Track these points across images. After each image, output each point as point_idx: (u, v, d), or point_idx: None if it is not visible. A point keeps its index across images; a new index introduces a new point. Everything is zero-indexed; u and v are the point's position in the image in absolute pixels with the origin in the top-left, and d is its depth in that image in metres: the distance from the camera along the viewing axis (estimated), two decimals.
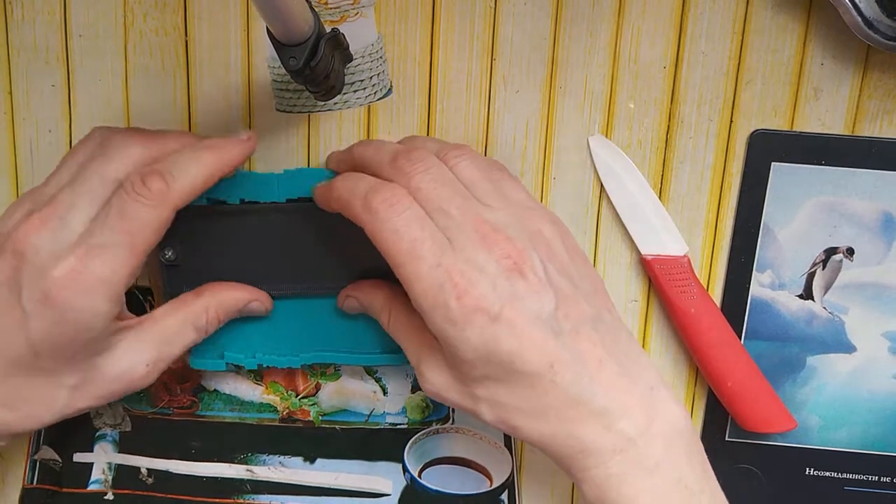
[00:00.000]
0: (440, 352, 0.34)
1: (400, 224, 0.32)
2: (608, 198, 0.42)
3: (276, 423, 0.44)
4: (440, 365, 0.34)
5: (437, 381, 0.35)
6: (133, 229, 0.32)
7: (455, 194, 0.34)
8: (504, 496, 0.45)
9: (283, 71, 0.41)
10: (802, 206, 0.41)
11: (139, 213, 0.32)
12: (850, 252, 0.42)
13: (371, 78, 0.41)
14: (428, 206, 0.33)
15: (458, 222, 0.33)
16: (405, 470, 0.45)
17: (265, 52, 0.41)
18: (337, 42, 0.36)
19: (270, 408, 0.44)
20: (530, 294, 0.32)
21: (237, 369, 0.44)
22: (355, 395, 0.44)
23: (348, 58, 0.40)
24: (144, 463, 0.45)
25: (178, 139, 0.36)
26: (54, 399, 0.34)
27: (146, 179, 0.32)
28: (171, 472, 0.45)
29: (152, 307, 0.43)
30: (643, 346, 0.43)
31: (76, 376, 0.34)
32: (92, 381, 0.35)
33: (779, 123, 0.41)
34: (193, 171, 0.33)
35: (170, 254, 0.40)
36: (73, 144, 0.42)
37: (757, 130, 0.41)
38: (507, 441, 0.44)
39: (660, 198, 0.42)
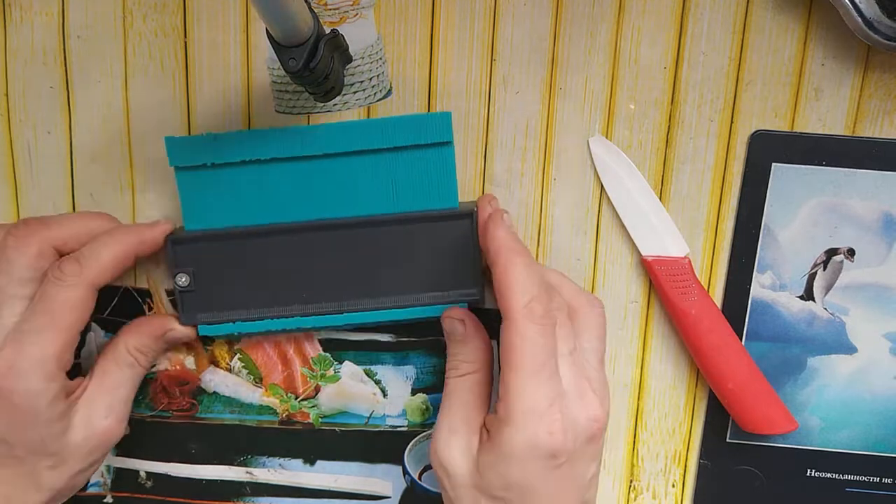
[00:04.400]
0: (478, 441, 0.36)
1: (539, 345, 0.34)
2: (608, 199, 0.42)
3: (276, 426, 0.44)
4: (470, 448, 0.36)
5: (457, 459, 0.36)
6: (53, 309, 0.36)
7: (574, 348, 0.37)
8: None
9: (282, 72, 0.40)
10: (803, 207, 0.41)
11: (57, 295, 0.36)
12: (850, 253, 0.42)
13: (371, 79, 0.41)
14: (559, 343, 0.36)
15: (572, 372, 0.36)
16: (405, 472, 0.44)
17: (264, 53, 0.41)
18: (336, 43, 0.36)
19: (270, 410, 0.44)
20: (593, 459, 0.36)
21: (238, 369, 0.43)
22: (355, 398, 0.44)
23: (348, 59, 0.40)
24: (143, 466, 0.45)
25: (81, 221, 0.39)
26: (37, 482, 0.37)
27: (62, 264, 0.36)
28: (170, 475, 0.45)
29: (150, 309, 0.43)
30: (644, 348, 0.43)
31: (52, 458, 0.37)
32: (66, 457, 0.37)
33: (779, 124, 0.41)
34: (104, 253, 0.37)
35: (184, 280, 0.40)
36: (72, 146, 0.42)
37: (757, 131, 0.41)
38: None
39: (660, 199, 0.42)
